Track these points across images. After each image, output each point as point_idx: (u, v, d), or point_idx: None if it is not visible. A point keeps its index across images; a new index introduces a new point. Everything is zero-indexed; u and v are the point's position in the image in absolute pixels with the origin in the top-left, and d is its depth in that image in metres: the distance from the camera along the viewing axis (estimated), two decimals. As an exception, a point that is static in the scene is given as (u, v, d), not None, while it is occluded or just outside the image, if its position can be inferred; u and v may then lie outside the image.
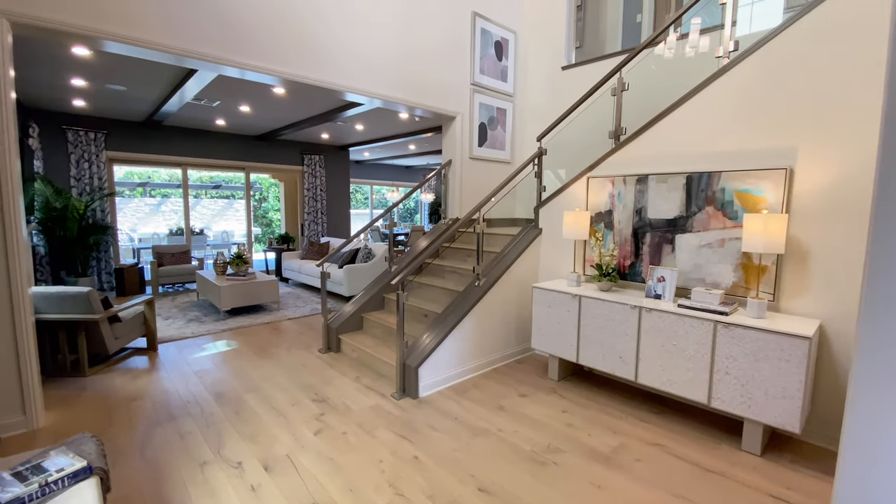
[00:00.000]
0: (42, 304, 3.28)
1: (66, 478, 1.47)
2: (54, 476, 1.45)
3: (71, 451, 1.63)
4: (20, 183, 2.52)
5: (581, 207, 3.57)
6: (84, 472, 1.51)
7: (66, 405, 2.90)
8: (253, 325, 4.82)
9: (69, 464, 1.51)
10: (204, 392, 3.13)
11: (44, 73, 4.17)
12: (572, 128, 4.48)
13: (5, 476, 1.41)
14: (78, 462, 1.52)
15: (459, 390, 3.19)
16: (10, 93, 2.42)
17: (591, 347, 3.09)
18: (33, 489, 1.39)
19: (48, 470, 1.47)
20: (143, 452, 2.37)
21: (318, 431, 2.60)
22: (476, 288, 3.50)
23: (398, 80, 4.06)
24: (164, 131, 6.90)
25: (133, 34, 2.72)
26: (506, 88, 5.13)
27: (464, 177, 4.82)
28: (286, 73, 3.34)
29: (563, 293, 3.22)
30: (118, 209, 10.90)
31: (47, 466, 1.49)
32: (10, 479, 1.40)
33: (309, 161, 8.44)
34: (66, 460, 1.53)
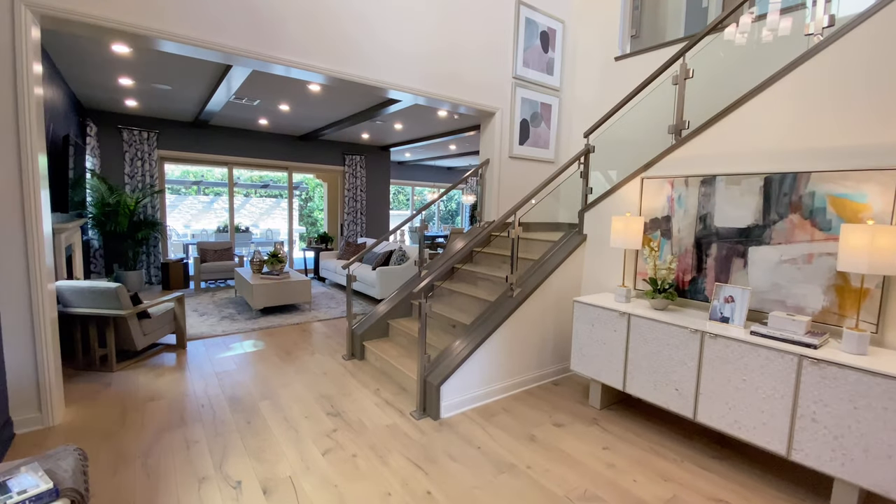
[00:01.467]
0: (73, 298, 3.32)
1: (29, 500, 1.32)
2: (15, 498, 1.30)
3: (42, 469, 1.49)
4: (44, 179, 2.51)
5: (633, 212, 3.14)
6: (49, 495, 1.36)
7: (87, 402, 2.88)
8: (283, 326, 4.75)
9: (34, 484, 1.36)
10: (220, 396, 3.02)
11: (94, 73, 4.30)
12: (624, 124, 4.03)
13: (-39, 497, 1.28)
14: (44, 483, 1.37)
15: (486, 413, 2.87)
16: (36, 89, 2.39)
17: (640, 374, 2.67)
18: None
19: (10, 491, 1.33)
20: (146, 460, 2.25)
21: (327, 451, 2.38)
22: (509, 299, 3.16)
23: (434, 74, 3.81)
24: (211, 131, 7.09)
25: (177, 31, 2.66)
26: (551, 82, 4.75)
27: (502, 177, 4.49)
28: (325, 69, 3.21)
29: (609, 310, 2.82)
30: (175, 206, 11.54)
31: (11, 486, 1.35)
32: (-35, 501, 1.27)
33: (350, 161, 8.42)
34: (33, 480, 1.38)
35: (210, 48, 2.80)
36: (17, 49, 2.27)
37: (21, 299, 2.40)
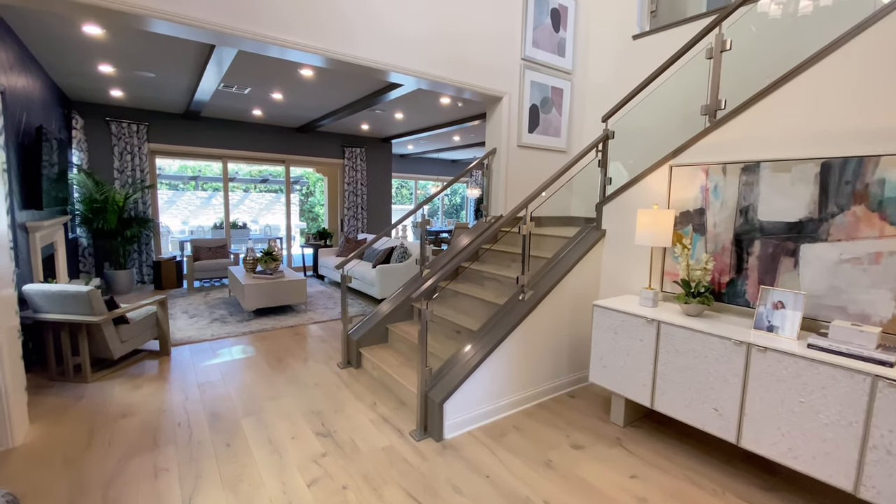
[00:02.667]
0: (44, 304, 3.03)
1: None
2: None
3: (-57, 532, 1.20)
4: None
5: (660, 204, 2.79)
6: (-62, 574, 1.07)
7: (55, 418, 2.60)
8: (276, 329, 4.46)
9: (-82, 561, 1.06)
10: (200, 412, 2.73)
11: (71, 59, 4.00)
12: (645, 109, 3.66)
13: None
14: (-68, 558, 1.07)
15: (495, 433, 2.55)
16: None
17: (672, 390, 2.34)
18: None
19: None
20: (107, 492, 1.96)
21: (314, 482, 2.07)
22: (520, 303, 2.84)
23: (436, 55, 3.46)
24: (204, 123, 6.78)
25: (148, 3, 2.34)
26: (563, 64, 4.38)
27: (510, 168, 4.14)
28: (317, 48, 2.87)
29: (634, 316, 2.49)
30: (172, 202, 11.29)
31: None
32: None
33: (350, 154, 8.09)
34: (-81, 553, 1.08)
35: (187, 24, 2.48)
36: (-50, 20, 1.96)
37: (-35, 309, 2.11)
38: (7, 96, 3.05)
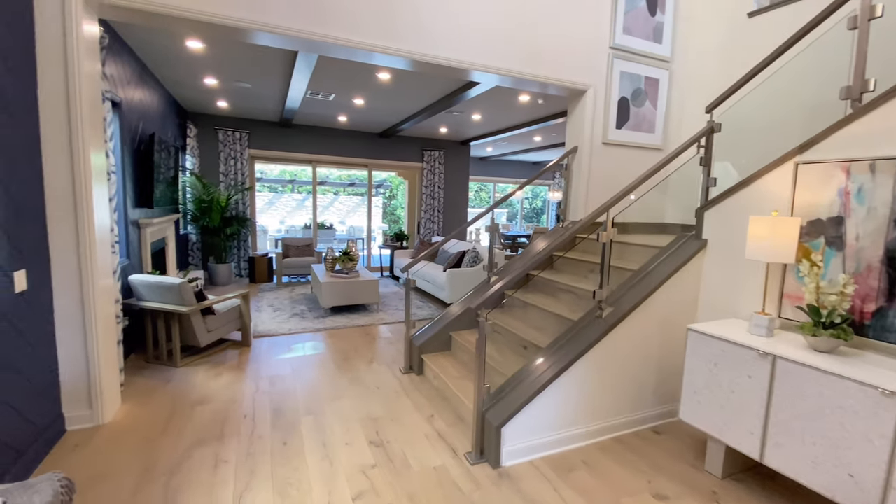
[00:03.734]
0: (145, 292, 3.37)
1: (-41, 561, 1.08)
2: (-58, 557, 1.07)
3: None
4: (100, 175, 2.46)
5: (781, 210, 2.28)
6: (-13, 553, 1.11)
7: (143, 399, 2.84)
8: (347, 327, 4.54)
9: (-28, 538, 1.12)
10: (266, 405, 2.80)
11: (181, 72, 4.46)
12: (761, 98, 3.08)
13: None
14: (-16, 537, 1.13)
15: (561, 466, 2.25)
16: (91, 86, 2.34)
17: (789, 443, 1.86)
18: None
19: (-55, 543, 1.10)
20: (170, 479, 2.05)
21: (359, 496, 1.97)
22: (597, 321, 2.50)
23: (511, 48, 3.25)
24: (296, 130, 7.26)
25: (251, 17, 2.51)
26: (660, 51, 3.88)
27: (593, 168, 3.76)
28: (400, 50, 2.87)
29: (742, 346, 2.04)
30: (272, 203, 12.37)
31: (-49, 535, 1.12)
32: None
33: (428, 157, 8.14)
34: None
35: (285, 34, 2.63)
36: (67, 45, 2.20)
37: (73, 294, 2.36)
38: (123, 107, 3.45)
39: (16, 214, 1.99)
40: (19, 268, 2.00)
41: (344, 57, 2.96)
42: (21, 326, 2.01)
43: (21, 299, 2.01)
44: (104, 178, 2.52)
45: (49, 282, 2.29)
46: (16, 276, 1.97)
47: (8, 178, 1.93)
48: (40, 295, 2.20)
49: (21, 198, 2.03)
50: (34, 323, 2.13)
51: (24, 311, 2.04)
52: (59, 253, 2.31)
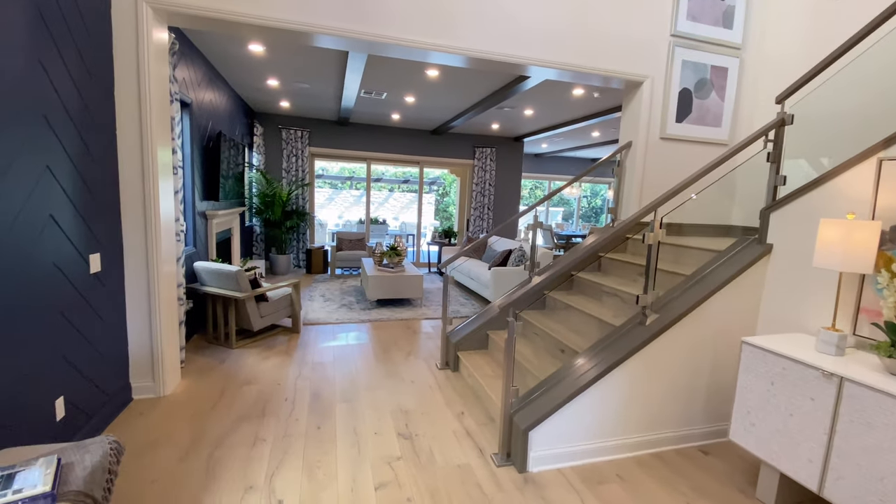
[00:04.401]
0: (208, 278, 3.66)
1: (23, 501, 1.23)
2: (9, 497, 1.22)
3: (63, 461, 1.43)
4: (166, 170, 2.70)
5: (859, 213, 2.00)
6: (44, 499, 1.26)
7: (200, 376, 3.10)
8: (391, 320, 4.65)
9: (33, 484, 1.27)
10: (306, 390, 2.94)
11: (246, 75, 4.78)
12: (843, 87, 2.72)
13: (-30, 485, 1.25)
14: (42, 486, 1.28)
15: (592, 477, 2.15)
16: (160, 89, 2.57)
17: (854, 476, 1.63)
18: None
19: (11, 486, 1.26)
20: (213, 451, 2.21)
21: (382, 486, 2.01)
22: (640, 328, 2.34)
23: (563, 40, 3.13)
24: (353, 128, 7.52)
25: (311, 20, 2.65)
26: (729, 37, 3.55)
27: (648, 165, 3.53)
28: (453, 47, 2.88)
29: (804, 365, 1.82)
30: (331, 199, 12.95)
31: (18, 480, 1.28)
32: (-29, 490, 1.23)
33: (480, 154, 8.08)
34: (37, 478, 1.30)
35: (346, 36, 2.73)
36: (140, 52, 2.43)
37: (141, 277, 2.61)
38: (193, 108, 3.76)
39: (94, 204, 2.23)
40: (94, 251, 2.26)
41: (400, 56, 3.01)
42: (94, 303, 2.26)
43: (95, 279, 2.27)
44: (170, 172, 2.76)
45: (121, 265, 2.56)
46: (91, 259, 2.22)
47: (88, 173, 2.18)
48: (113, 276, 2.46)
49: (99, 190, 2.28)
50: (106, 301, 2.39)
51: (97, 290, 2.29)
52: (130, 240, 2.57)
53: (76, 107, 2.08)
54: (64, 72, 1.97)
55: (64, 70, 1.97)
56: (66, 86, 1.99)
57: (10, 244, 1.66)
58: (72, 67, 2.03)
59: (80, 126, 2.11)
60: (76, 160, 2.08)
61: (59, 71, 1.94)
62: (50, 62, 1.87)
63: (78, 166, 2.10)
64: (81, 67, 2.11)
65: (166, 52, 2.67)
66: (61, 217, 1.98)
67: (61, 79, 1.96)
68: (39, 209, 1.83)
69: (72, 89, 2.04)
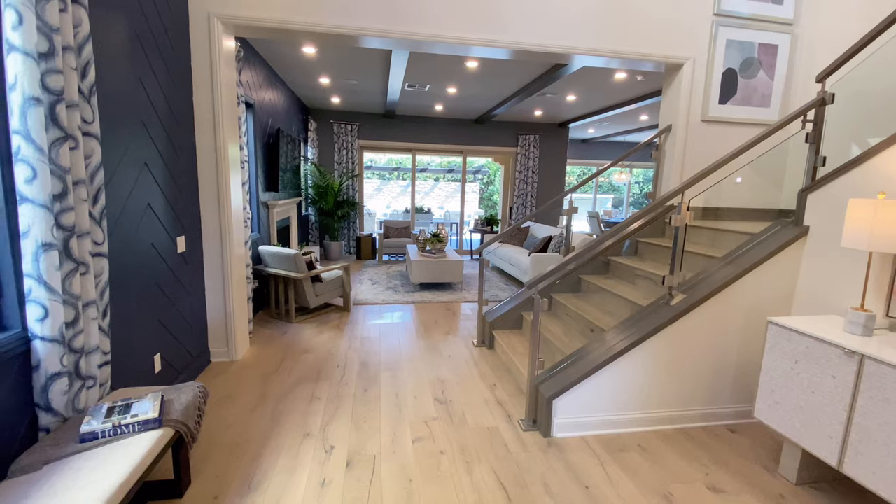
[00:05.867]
0: (270, 261, 4.10)
1: (137, 424, 1.60)
2: (128, 420, 1.59)
3: (165, 398, 1.80)
4: (235, 164, 3.09)
5: (892, 193, 1.96)
6: (153, 423, 1.62)
7: (265, 344, 3.52)
8: (433, 302, 4.92)
9: (145, 411, 1.64)
10: (355, 360, 3.27)
11: (300, 75, 5.17)
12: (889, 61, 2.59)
13: (103, 408, 1.63)
14: (152, 412, 1.64)
15: (614, 446, 2.29)
16: (230, 92, 2.94)
17: (873, 453, 1.67)
18: (107, 427, 1.54)
19: (130, 412, 1.63)
20: (277, 405, 2.58)
21: (419, 440, 2.28)
22: (665, 307, 2.42)
23: (599, 23, 3.18)
24: (398, 120, 7.82)
25: (357, 24, 2.91)
26: (779, 13, 3.41)
27: (688, 148, 3.50)
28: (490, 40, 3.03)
29: (826, 343, 1.85)
30: (380, 189, 13.46)
31: (133, 408, 1.66)
32: (104, 412, 1.61)
33: (523, 141, 8.11)
34: (148, 406, 1.67)
35: (392, 36, 2.97)
36: (213, 61, 2.81)
37: (216, 258, 3.04)
38: (256, 107, 4.18)
39: (179, 194, 2.64)
40: (180, 234, 2.67)
41: (442, 52, 3.20)
42: (182, 278, 2.69)
43: (181, 258, 2.69)
44: (238, 167, 3.16)
45: (201, 247, 2.99)
46: (178, 241, 2.64)
47: (175, 167, 2.59)
48: (195, 256, 2.89)
49: (183, 182, 2.69)
50: (190, 277, 2.82)
51: (183, 267, 2.72)
52: (207, 224, 2.99)
53: (165, 111, 2.47)
54: (155, 83, 2.36)
55: (155, 81, 2.36)
56: (157, 94, 2.38)
57: (121, 228, 2.07)
58: (161, 78, 2.42)
59: (168, 128, 2.51)
60: (166, 157, 2.48)
61: (152, 83, 2.33)
62: (145, 76, 2.26)
63: (167, 162, 2.50)
64: (168, 77, 2.50)
65: (233, 59, 3.04)
66: (156, 205, 2.39)
67: (153, 89, 2.35)
68: (140, 199, 2.23)
69: (161, 97, 2.43)
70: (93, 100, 1.72)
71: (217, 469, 2.01)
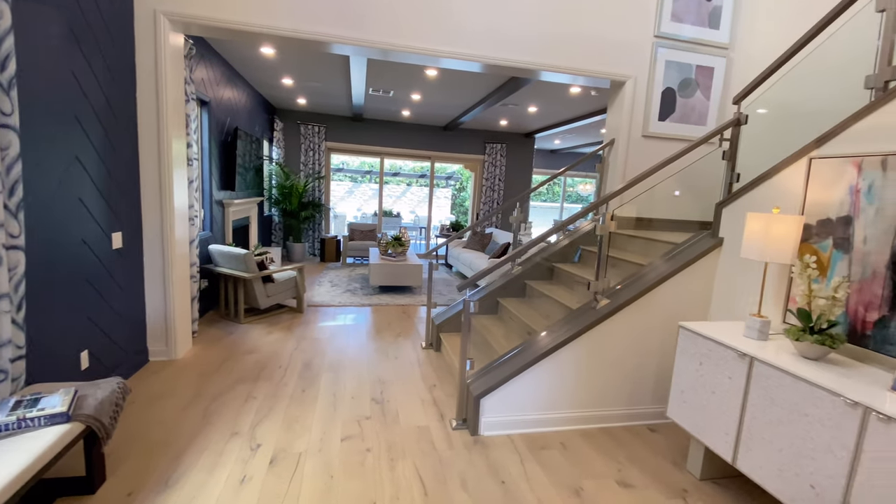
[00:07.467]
0: (221, 260, 4.06)
1: (43, 418, 1.59)
2: (34, 413, 1.58)
3: (79, 393, 1.79)
4: (180, 161, 3.07)
5: (794, 208, 2.13)
6: (61, 418, 1.61)
7: (209, 344, 3.49)
8: (389, 305, 4.96)
9: (53, 406, 1.63)
10: (299, 361, 3.28)
11: (262, 74, 5.16)
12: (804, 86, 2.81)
13: (10, 401, 1.62)
14: (60, 407, 1.63)
15: (537, 443, 2.38)
16: (176, 89, 2.93)
17: (759, 449, 1.80)
18: (11, 420, 1.53)
19: (37, 406, 1.62)
20: (210, 404, 2.57)
21: (348, 438, 2.31)
22: (591, 311, 2.54)
23: (545, 40, 3.31)
24: (366, 124, 7.85)
25: (309, 28, 2.94)
26: (715, 38, 3.64)
27: (630, 162, 3.67)
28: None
29: (723, 346, 1.99)
30: (351, 192, 13.42)
31: (42, 403, 1.64)
32: (10, 405, 1.60)
33: (490, 150, 8.27)
34: (57, 401, 1.66)
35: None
36: (158, 57, 2.80)
37: (157, 256, 3.01)
38: (212, 105, 4.16)
39: (117, 190, 2.62)
40: (116, 230, 2.65)
41: (402, 61, 3.29)
42: (116, 274, 2.65)
43: (117, 254, 2.66)
44: (184, 164, 3.14)
45: (141, 244, 2.95)
46: (114, 236, 2.61)
47: (112, 163, 2.56)
48: (133, 253, 2.85)
49: (119, 176, 2.67)
50: (126, 274, 2.78)
51: (118, 264, 2.68)
52: (149, 222, 2.96)
53: (102, 106, 2.45)
54: (92, 77, 2.35)
55: (92, 76, 2.35)
56: (93, 89, 2.37)
57: (45, 222, 2.04)
58: (99, 73, 2.41)
59: (105, 123, 2.49)
60: (101, 152, 2.46)
61: (88, 77, 2.32)
62: (80, 71, 2.24)
63: (103, 157, 2.48)
64: (107, 73, 2.49)
65: (181, 56, 3.03)
66: (88, 200, 2.36)
67: (90, 84, 2.33)
68: (70, 193, 2.21)
69: (98, 92, 2.41)
70: (12, 92, 1.71)
71: (135, 466, 1.99)
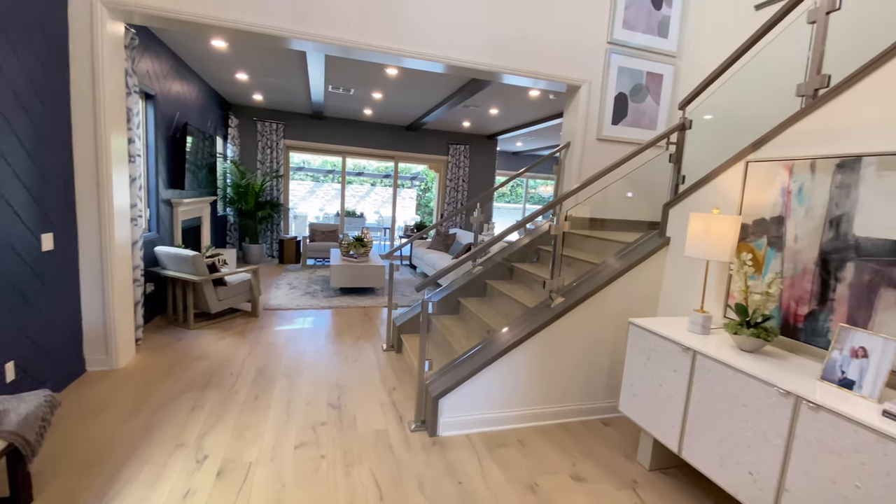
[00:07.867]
0: (168, 262, 3.85)
1: (-47, 438, 1.44)
2: (-58, 434, 1.43)
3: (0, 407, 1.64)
4: (120, 158, 2.88)
5: (732, 208, 2.25)
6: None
7: (155, 351, 3.29)
8: (350, 307, 4.87)
9: (-35, 424, 1.48)
10: (252, 367, 3.15)
11: (214, 68, 4.94)
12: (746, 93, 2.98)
13: (-90, 421, 1.46)
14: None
15: (495, 442, 2.39)
16: (115, 81, 2.75)
17: (702, 439, 1.89)
18: (-89, 443, 1.38)
19: (-54, 425, 1.47)
20: (152, 416, 2.42)
21: (301, 445, 2.24)
22: (546, 309, 2.59)
23: (499, 42, 3.34)
24: (328, 122, 7.69)
25: (258, 21, 2.82)
26: (664, 46, 3.80)
27: (584, 164, 3.77)
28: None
29: (668, 341, 2.07)
30: (313, 192, 13.12)
31: (-48, 421, 1.49)
32: (-90, 425, 1.44)
33: (454, 151, 8.30)
34: (-29, 419, 1.51)
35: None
36: (94, 47, 2.61)
37: (95, 258, 2.81)
38: (158, 99, 3.94)
39: (46, 187, 2.42)
40: (47, 231, 2.45)
41: (362, 59, 3.23)
42: (46, 279, 2.45)
43: (48, 257, 2.46)
44: (125, 161, 2.95)
45: (76, 246, 2.75)
46: (43, 238, 2.41)
47: (42, 159, 2.37)
48: (67, 255, 2.65)
49: (51, 174, 2.47)
50: (59, 278, 2.58)
51: (50, 267, 2.48)
52: (84, 223, 2.76)
53: (29, 99, 2.26)
54: (17, 67, 2.16)
55: (17, 66, 2.16)
56: (18, 80, 2.18)
57: (-42, 220, 1.85)
58: (25, 63, 2.22)
59: (33, 116, 2.29)
60: (28, 147, 2.27)
61: (13, 69, 2.13)
62: (2, 60, 2.06)
63: (30, 153, 2.29)
64: (36, 64, 2.29)
65: (121, 47, 2.85)
66: (13, 198, 2.17)
67: (13, 74, 2.14)
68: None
69: (25, 84, 2.22)
70: (-86, 77, 1.55)
71: (67, 484, 1.85)
